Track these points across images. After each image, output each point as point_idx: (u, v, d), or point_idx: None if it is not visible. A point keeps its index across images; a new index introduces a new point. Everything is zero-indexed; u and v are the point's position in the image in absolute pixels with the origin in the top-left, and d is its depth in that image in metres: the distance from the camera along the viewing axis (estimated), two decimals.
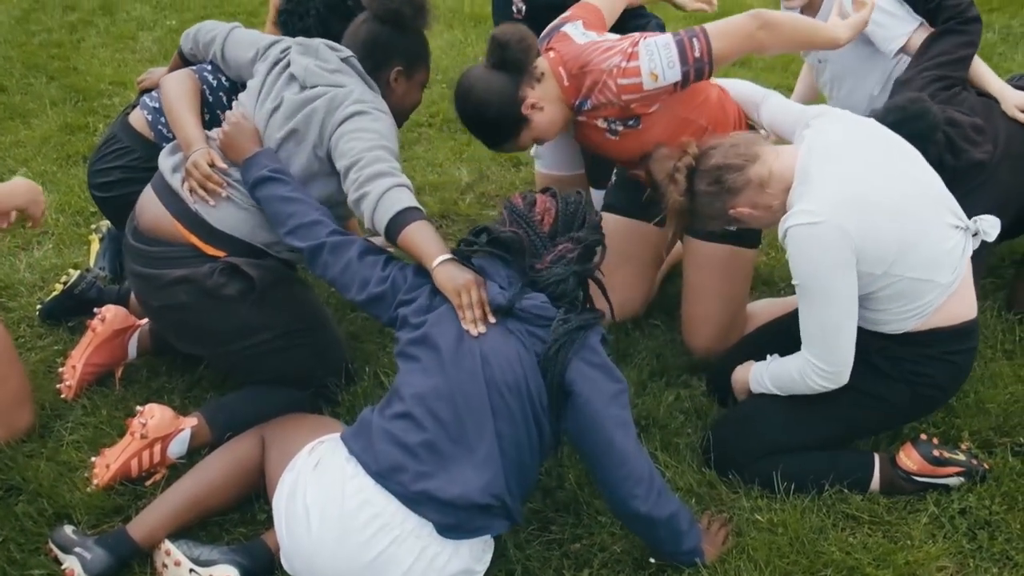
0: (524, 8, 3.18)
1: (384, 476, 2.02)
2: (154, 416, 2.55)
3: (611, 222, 2.88)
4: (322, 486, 2.05)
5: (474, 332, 2.11)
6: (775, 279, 3.39)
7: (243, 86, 2.75)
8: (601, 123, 2.67)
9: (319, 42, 2.65)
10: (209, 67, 2.88)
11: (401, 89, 2.69)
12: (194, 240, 2.54)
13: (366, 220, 2.39)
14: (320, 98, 2.53)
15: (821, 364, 2.35)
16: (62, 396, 2.83)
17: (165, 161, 2.65)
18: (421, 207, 2.37)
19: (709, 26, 2.56)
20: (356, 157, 2.42)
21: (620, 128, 2.66)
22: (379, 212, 2.34)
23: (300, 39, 2.69)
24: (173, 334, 2.71)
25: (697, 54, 2.51)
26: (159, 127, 2.96)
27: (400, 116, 2.74)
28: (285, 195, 2.44)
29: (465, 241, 2.28)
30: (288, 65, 2.63)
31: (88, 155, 4.21)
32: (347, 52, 2.64)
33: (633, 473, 2.11)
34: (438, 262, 2.22)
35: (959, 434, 2.69)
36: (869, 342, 2.40)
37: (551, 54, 2.66)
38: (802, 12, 3.52)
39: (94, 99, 4.75)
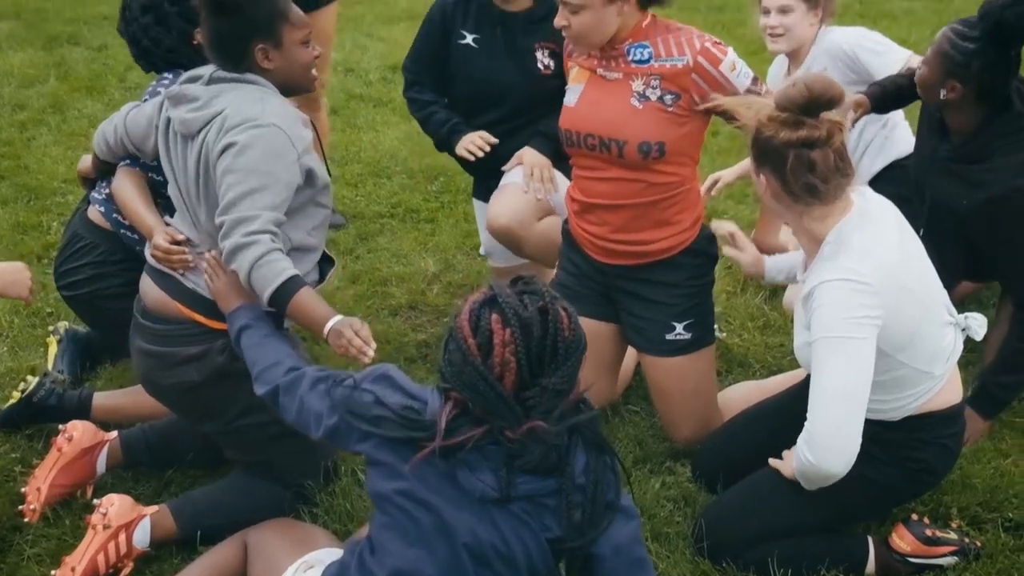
0: (552, 64, 3.15)
1: None
2: (113, 504, 2.48)
3: None
4: None
5: (366, 360, 2.07)
6: (750, 360, 3.38)
7: None
8: (638, 84, 2.59)
9: (183, 81, 2.53)
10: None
11: (277, 62, 2.48)
12: (198, 317, 2.51)
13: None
14: (204, 146, 2.42)
15: (810, 429, 2.25)
16: (25, 519, 2.67)
17: (147, 250, 2.64)
18: (291, 269, 2.30)
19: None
20: (220, 219, 2.34)
21: (653, 98, 2.58)
22: (256, 288, 2.31)
23: (169, 90, 2.55)
24: (179, 410, 2.68)
25: (760, 89, 2.57)
26: (114, 215, 2.92)
27: (299, 80, 2.54)
28: (253, 343, 2.34)
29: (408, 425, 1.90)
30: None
31: (41, 254, 4.11)
32: (208, 71, 2.51)
33: None
34: (328, 330, 2.26)
35: (948, 511, 2.66)
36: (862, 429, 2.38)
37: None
38: (788, 60, 3.56)
39: (47, 197, 4.66)
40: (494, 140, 3.15)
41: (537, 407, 1.81)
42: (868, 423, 2.33)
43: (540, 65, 3.16)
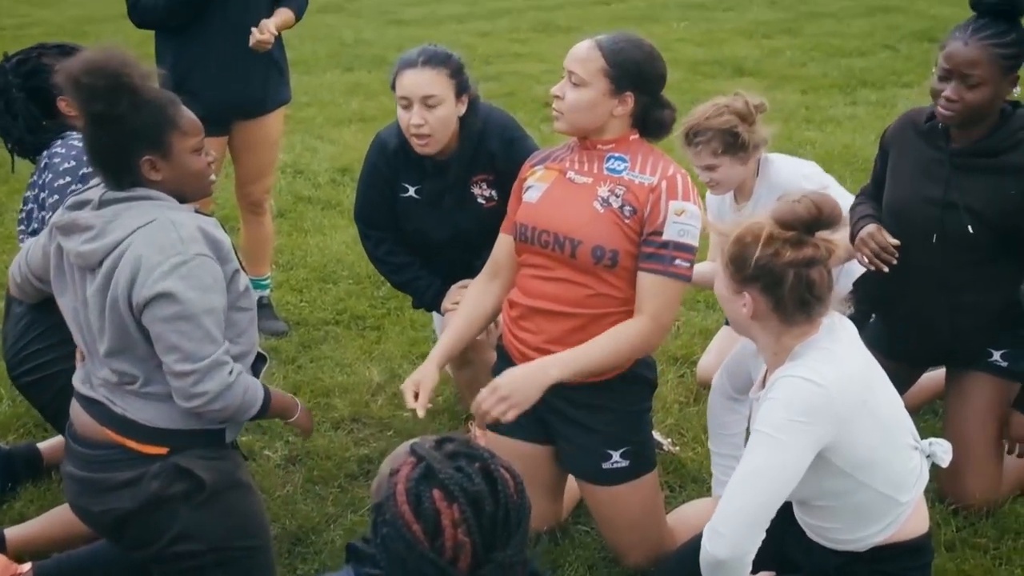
0: (493, 193, 3.14)
1: None
2: None
3: (497, 444, 2.70)
4: None
5: None
6: (704, 475, 3.27)
7: None
8: (603, 189, 2.57)
9: (70, 207, 2.39)
10: None
11: (166, 172, 2.33)
12: (130, 444, 2.38)
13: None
14: (110, 285, 2.28)
15: (716, 516, 2.19)
16: None
17: (75, 377, 2.52)
18: (259, 383, 2.46)
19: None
20: (184, 367, 2.27)
21: (614, 205, 2.55)
22: (242, 412, 2.42)
23: (57, 220, 2.38)
24: (110, 537, 2.53)
25: (687, 266, 2.55)
26: None
27: (192, 190, 2.42)
28: None
29: None
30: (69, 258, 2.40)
31: None
32: (96, 193, 2.36)
33: None
34: (299, 414, 2.65)
35: None
36: (827, 559, 2.32)
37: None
38: (735, 195, 3.49)
39: None
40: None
41: None
42: (835, 554, 2.25)
43: (481, 199, 3.15)
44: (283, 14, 4.02)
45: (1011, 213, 2.80)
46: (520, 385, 2.47)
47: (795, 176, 3.36)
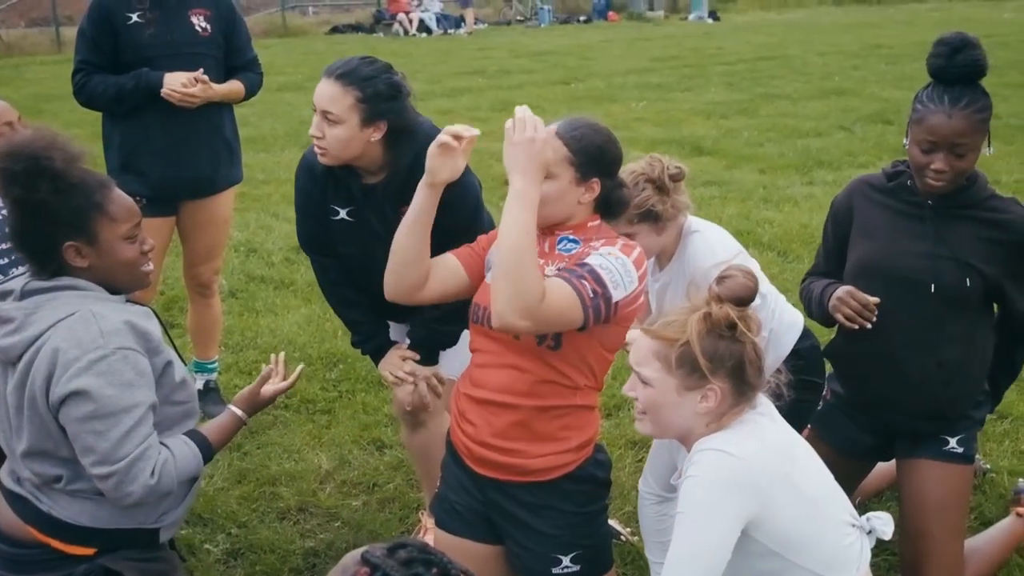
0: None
1: None
2: None
3: (445, 543, 2.58)
4: None
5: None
6: None
7: None
8: (552, 268, 2.45)
9: None
10: None
11: (93, 259, 2.24)
12: (55, 543, 2.26)
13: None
14: (27, 381, 2.18)
15: None
16: None
17: (2, 470, 2.41)
18: (190, 441, 2.34)
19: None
20: (102, 470, 2.16)
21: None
22: (187, 477, 2.32)
23: None
24: None
25: (591, 296, 2.35)
26: None
27: (123, 280, 2.30)
28: None
29: None
30: None
31: None
32: (19, 284, 2.26)
33: None
34: (247, 422, 2.54)
35: None
36: None
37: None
38: (657, 261, 3.34)
39: None
40: (416, 356, 3.05)
41: None
42: None
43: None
44: (231, 84, 3.92)
45: (999, 262, 2.81)
46: (527, 146, 2.41)
47: (703, 268, 3.16)
